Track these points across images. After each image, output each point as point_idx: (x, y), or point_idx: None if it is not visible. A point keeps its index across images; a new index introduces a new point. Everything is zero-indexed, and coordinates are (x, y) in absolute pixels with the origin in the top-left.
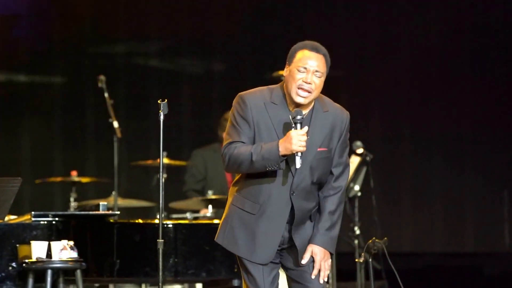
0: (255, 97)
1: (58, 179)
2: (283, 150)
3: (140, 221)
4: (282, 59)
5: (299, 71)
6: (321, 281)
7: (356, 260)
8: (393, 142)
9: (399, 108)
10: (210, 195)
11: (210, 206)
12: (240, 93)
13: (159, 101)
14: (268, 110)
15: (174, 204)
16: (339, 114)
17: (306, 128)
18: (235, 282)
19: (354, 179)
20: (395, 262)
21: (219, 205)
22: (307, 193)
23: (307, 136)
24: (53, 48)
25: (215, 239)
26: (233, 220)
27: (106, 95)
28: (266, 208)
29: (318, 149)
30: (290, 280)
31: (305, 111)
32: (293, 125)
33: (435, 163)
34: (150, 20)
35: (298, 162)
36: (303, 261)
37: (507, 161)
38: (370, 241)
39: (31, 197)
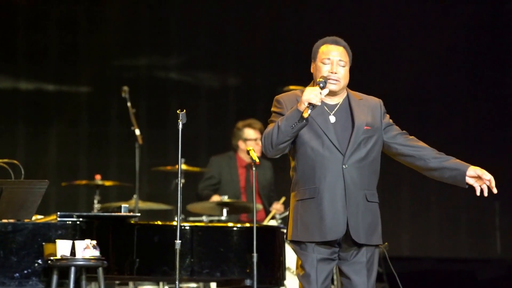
0: (288, 96)
1: (83, 182)
2: (299, 105)
3: (159, 222)
4: (293, 75)
5: (324, 63)
6: (495, 190)
7: None
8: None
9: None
10: (226, 199)
11: (225, 210)
12: (275, 97)
13: (178, 111)
14: None
15: (191, 206)
16: (372, 100)
17: (326, 91)
18: (247, 282)
19: None
20: (395, 265)
21: (233, 209)
22: (359, 168)
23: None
24: (80, 59)
25: (288, 239)
26: (300, 213)
27: (129, 104)
28: (324, 186)
29: (365, 128)
30: (341, 273)
31: (337, 100)
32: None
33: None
34: (171, 36)
35: (307, 112)
36: (470, 181)
37: (498, 175)
38: None
39: (57, 198)
